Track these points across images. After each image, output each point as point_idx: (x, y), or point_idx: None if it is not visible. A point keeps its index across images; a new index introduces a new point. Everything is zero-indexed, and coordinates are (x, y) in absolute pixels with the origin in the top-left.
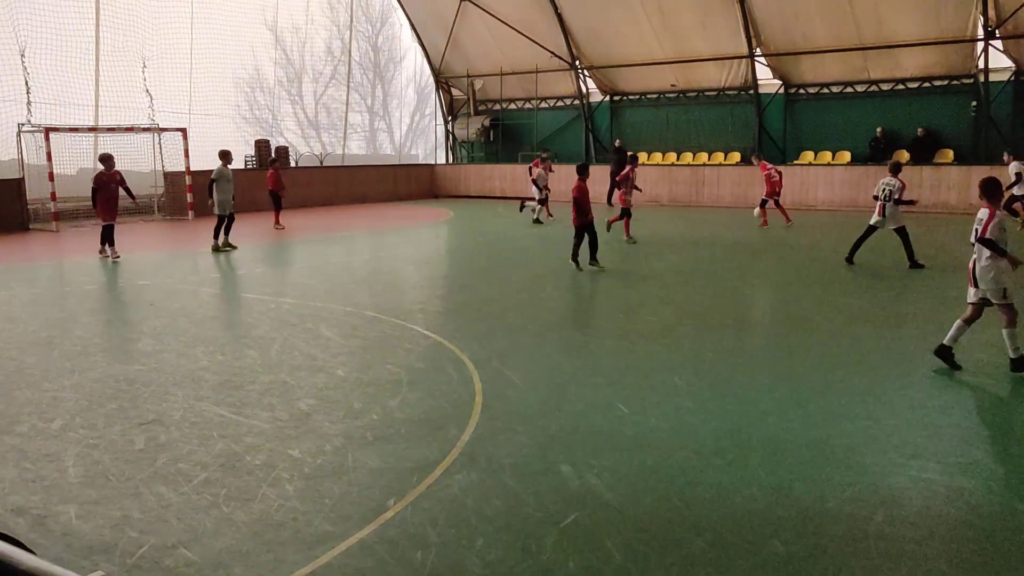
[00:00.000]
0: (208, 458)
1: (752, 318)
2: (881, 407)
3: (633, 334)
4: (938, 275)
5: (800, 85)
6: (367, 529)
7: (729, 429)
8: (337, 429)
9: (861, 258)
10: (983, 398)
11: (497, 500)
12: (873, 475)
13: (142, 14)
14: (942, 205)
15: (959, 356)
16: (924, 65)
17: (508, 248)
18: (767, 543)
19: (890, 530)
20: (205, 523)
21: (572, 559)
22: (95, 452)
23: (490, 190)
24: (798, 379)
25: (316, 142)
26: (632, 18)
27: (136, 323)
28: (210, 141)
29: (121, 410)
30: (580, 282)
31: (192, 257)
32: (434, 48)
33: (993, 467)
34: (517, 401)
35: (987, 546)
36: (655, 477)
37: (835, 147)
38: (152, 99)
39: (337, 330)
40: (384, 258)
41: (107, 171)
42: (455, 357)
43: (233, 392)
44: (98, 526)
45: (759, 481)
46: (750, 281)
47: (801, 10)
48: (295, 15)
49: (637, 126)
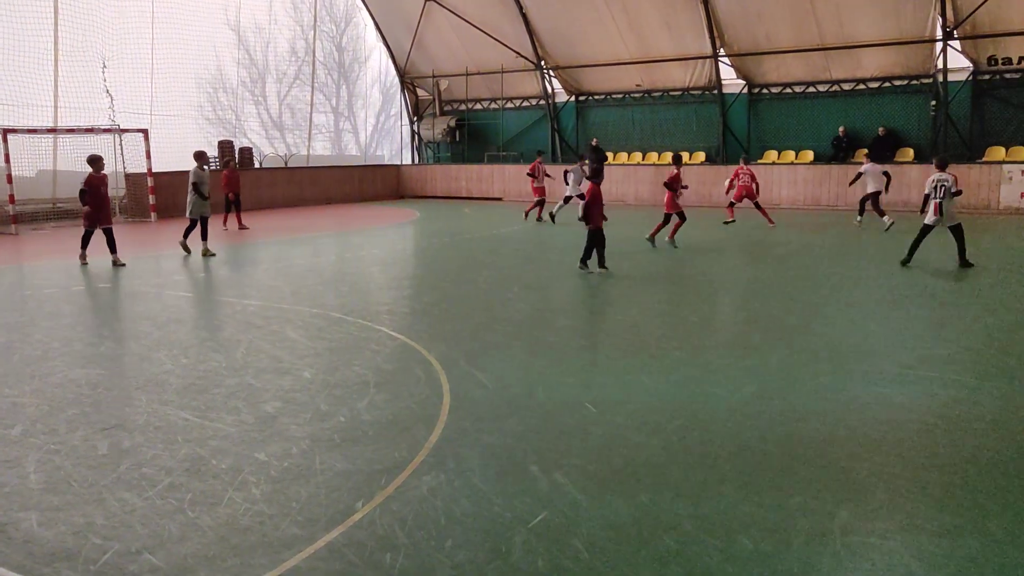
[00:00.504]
0: (173, 463)
1: (717, 316)
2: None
3: (600, 333)
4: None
5: (763, 85)
6: (335, 532)
7: (696, 426)
8: (304, 432)
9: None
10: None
11: (466, 501)
12: (837, 470)
13: (102, 13)
14: (903, 203)
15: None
16: (884, 65)
17: (475, 249)
18: (735, 539)
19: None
20: (170, 528)
21: (541, 558)
22: (57, 458)
23: (456, 191)
24: (765, 376)
25: (280, 143)
26: (597, 18)
27: (98, 327)
28: (172, 142)
29: (83, 415)
30: (548, 282)
31: (155, 260)
32: (399, 48)
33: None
34: (485, 401)
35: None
36: (623, 475)
37: (798, 146)
38: (112, 100)
39: (303, 332)
40: (350, 259)
41: (96, 173)
42: (423, 358)
43: (198, 396)
44: (60, 533)
45: (727, 478)
46: (715, 280)
47: (764, 11)
48: (258, 15)
49: (602, 126)
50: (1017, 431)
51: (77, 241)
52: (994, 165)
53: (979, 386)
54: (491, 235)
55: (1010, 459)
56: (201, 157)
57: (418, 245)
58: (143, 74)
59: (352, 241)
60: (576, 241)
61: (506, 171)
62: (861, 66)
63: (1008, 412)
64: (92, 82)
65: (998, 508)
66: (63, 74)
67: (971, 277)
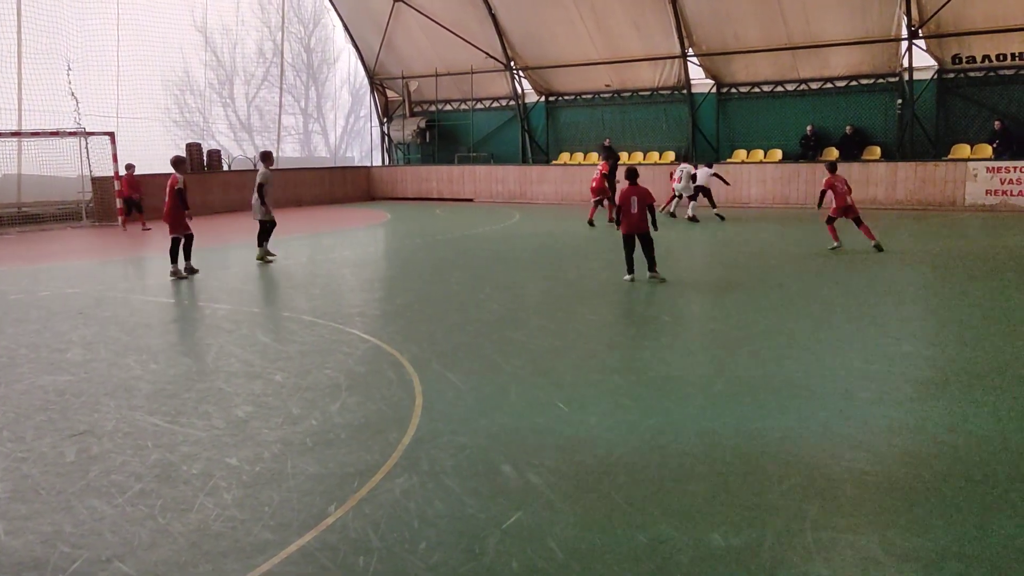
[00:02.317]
0: (143, 469)
1: (689, 313)
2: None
3: (572, 333)
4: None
5: (732, 84)
6: (308, 536)
7: (668, 425)
8: (275, 436)
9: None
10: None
11: (439, 502)
12: (808, 467)
13: (66, 15)
14: (870, 200)
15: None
16: (851, 64)
17: (447, 250)
18: (708, 537)
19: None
20: (140, 535)
21: (515, 559)
22: (24, 466)
23: (427, 192)
24: (732, 374)
25: (249, 145)
26: (566, 19)
27: (65, 332)
28: (139, 145)
29: (50, 422)
30: (518, 282)
31: (123, 264)
32: (368, 49)
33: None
34: (457, 402)
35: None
36: (596, 475)
37: (767, 145)
38: (78, 102)
39: (274, 335)
40: (321, 262)
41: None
42: (394, 360)
43: (167, 401)
44: (28, 542)
45: (698, 476)
46: (687, 278)
47: (732, 11)
48: (225, 16)
49: (573, 126)
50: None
51: (42, 246)
52: (959, 163)
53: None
54: (463, 236)
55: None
56: (268, 158)
57: (389, 247)
58: (109, 76)
59: (323, 243)
60: (546, 242)
61: (477, 172)
62: (828, 65)
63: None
64: (57, 85)
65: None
66: (27, 77)
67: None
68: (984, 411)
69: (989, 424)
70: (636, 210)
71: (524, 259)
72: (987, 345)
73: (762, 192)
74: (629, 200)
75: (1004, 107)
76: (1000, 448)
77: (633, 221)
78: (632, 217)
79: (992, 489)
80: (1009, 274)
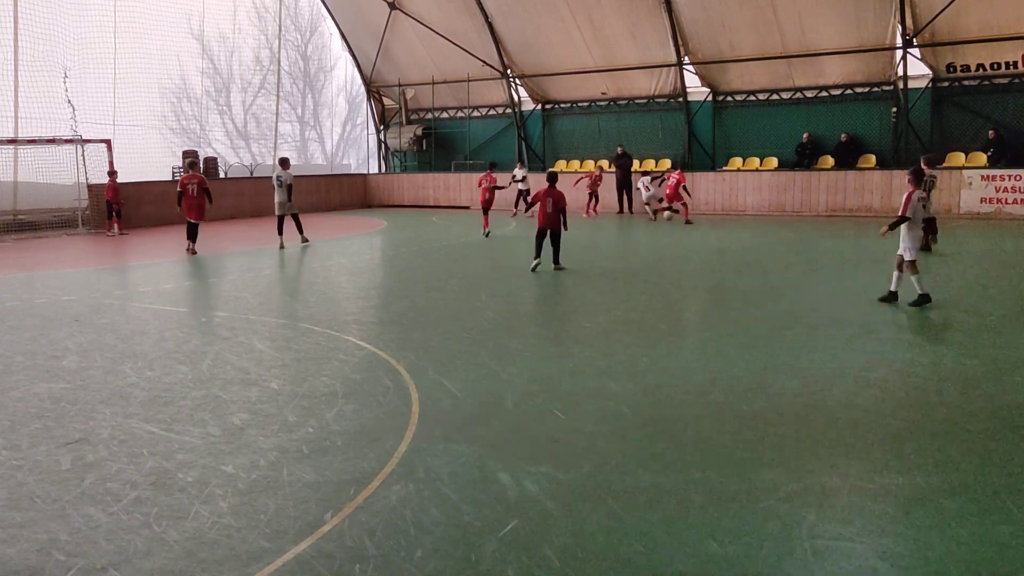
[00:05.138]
0: (138, 476)
1: (683, 322)
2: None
3: (568, 340)
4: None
5: (728, 93)
6: (304, 544)
7: (663, 431)
8: (271, 443)
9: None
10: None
11: (435, 510)
12: (807, 476)
13: (63, 23)
14: (866, 208)
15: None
16: (846, 73)
17: (443, 257)
18: (703, 543)
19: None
20: (136, 543)
21: (511, 567)
22: (19, 474)
23: (424, 199)
24: (728, 381)
25: (245, 152)
26: (562, 27)
27: (60, 340)
28: (135, 152)
29: (46, 429)
30: (514, 289)
31: (119, 272)
32: (365, 57)
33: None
34: (454, 410)
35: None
36: (592, 482)
37: (763, 153)
38: (75, 110)
39: (270, 343)
40: (317, 269)
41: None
42: (391, 367)
43: (163, 408)
44: (23, 550)
45: (694, 482)
46: (681, 286)
47: (728, 20)
48: (222, 24)
49: (569, 134)
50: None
51: (38, 253)
52: (954, 171)
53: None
54: (459, 243)
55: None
56: (288, 163)
57: (386, 254)
58: (105, 84)
59: (319, 251)
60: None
61: (473, 180)
62: (823, 74)
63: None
64: (53, 92)
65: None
66: (24, 84)
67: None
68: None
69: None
70: (551, 210)
71: (520, 267)
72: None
73: (758, 200)
74: (546, 200)
75: (999, 116)
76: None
77: (548, 219)
78: (547, 215)
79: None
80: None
